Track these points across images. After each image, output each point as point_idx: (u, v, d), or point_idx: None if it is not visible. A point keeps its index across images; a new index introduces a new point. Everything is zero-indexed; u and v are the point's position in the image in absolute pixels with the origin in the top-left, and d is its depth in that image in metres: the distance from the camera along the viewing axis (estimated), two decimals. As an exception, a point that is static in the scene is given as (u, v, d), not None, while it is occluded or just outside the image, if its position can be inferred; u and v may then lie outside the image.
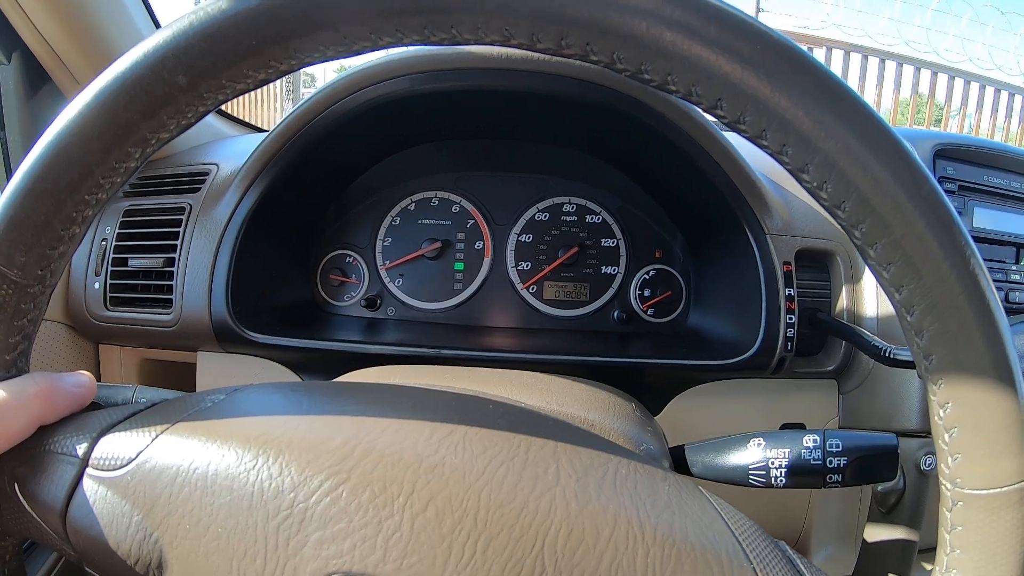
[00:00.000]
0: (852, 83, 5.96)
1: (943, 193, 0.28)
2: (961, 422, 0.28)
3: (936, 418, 0.29)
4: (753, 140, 0.28)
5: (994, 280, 0.90)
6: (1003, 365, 0.28)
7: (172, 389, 0.76)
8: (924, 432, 0.76)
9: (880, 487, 0.67)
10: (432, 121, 0.79)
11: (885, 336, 0.76)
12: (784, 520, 0.85)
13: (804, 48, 0.26)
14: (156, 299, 0.78)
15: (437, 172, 0.89)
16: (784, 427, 0.82)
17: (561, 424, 0.36)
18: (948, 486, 0.29)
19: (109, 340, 0.87)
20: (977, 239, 0.90)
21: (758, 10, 5.76)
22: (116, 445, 0.31)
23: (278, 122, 0.72)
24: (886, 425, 0.75)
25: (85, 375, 0.38)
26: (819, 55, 5.79)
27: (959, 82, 5.85)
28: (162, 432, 0.31)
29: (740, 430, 0.49)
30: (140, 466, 0.30)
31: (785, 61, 0.26)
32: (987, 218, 0.91)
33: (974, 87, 5.86)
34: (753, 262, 0.73)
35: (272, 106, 5.53)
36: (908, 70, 5.86)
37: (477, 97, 0.71)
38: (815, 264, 0.79)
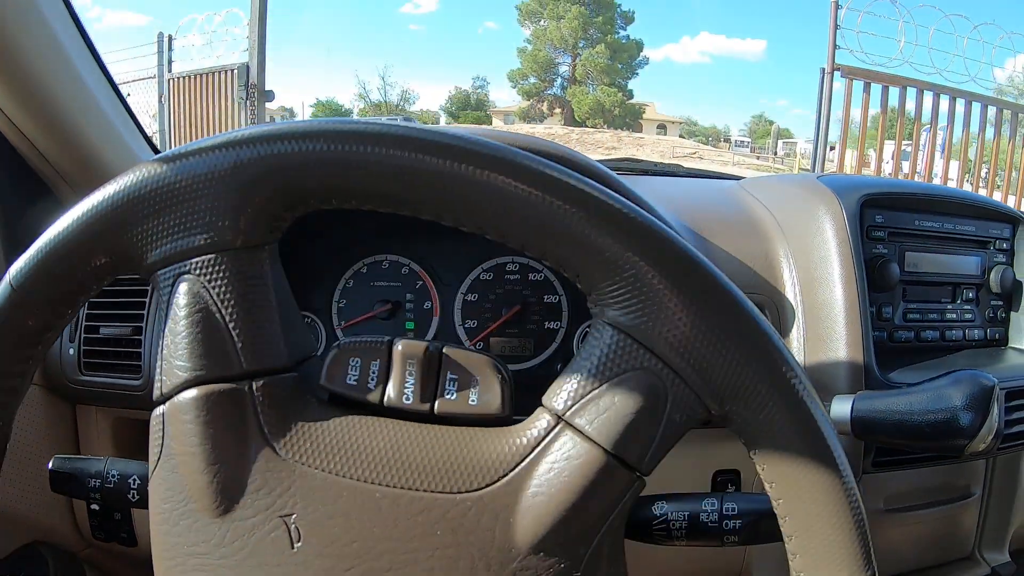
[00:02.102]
0: (926, 121, 6.13)
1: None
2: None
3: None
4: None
5: (930, 320, 0.98)
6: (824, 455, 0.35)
7: (146, 448, 0.87)
8: (849, 477, 0.84)
9: None
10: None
11: (815, 383, 0.85)
12: (722, 553, 0.93)
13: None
14: (126, 365, 0.88)
15: (387, 237, 0.97)
16: (717, 475, 0.91)
17: None
18: None
19: (85, 402, 0.97)
20: (911, 282, 0.97)
21: (834, 46, 5.92)
22: None
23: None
24: (813, 471, 0.84)
25: None
26: (894, 94, 6.02)
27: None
28: None
29: (674, 479, 0.54)
30: None
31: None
32: (921, 261, 0.98)
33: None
34: None
35: (230, 112, 5.62)
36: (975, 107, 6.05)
37: None
38: None
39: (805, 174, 1.01)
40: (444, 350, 0.39)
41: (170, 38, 6.37)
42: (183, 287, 0.37)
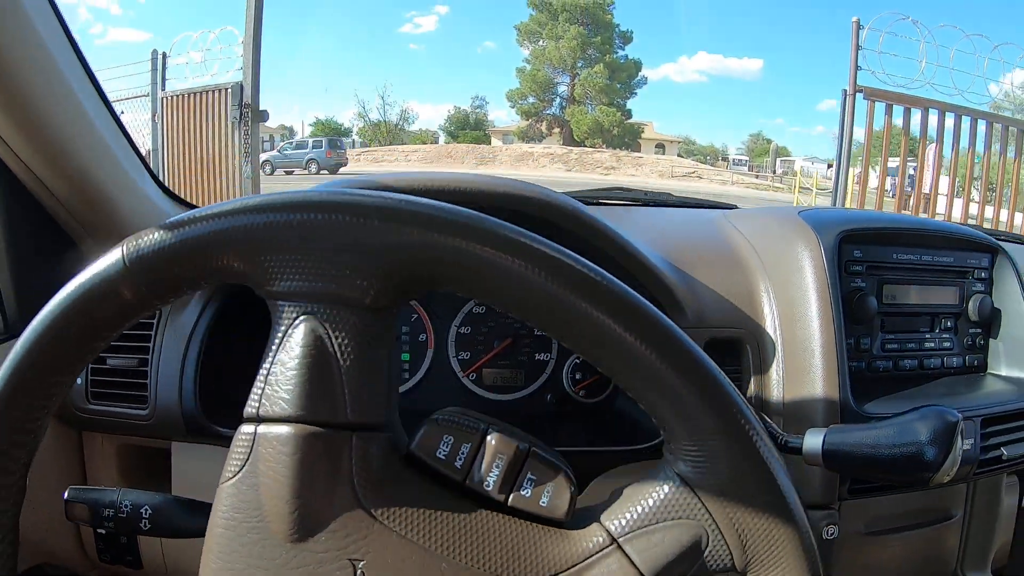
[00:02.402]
0: (947, 142, 6.10)
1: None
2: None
3: None
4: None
5: (908, 350, 1.02)
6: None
7: (150, 473, 0.92)
8: (827, 504, 0.88)
9: None
10: None
11: (790, 419, 0.88)
12: None
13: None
14: (132, 395, 0.92)
15: None
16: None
17: None
18: None
19: (91, 429, 1.01)
20: (889, 314, 1.01)
21: (856, 67, 5.87)
22: None
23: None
24: (795, 496, 0.87)
25: None
26: (915, 117, 5.97)
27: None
28: None
29: None
30: None
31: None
32: (899, 293, 1.02)
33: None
34: None
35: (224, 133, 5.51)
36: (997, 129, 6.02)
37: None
38: (728, 350, 0.91)
39: (787, 208, 1.05)
40: (531, 449, 0.42)
41: (164, 56, 6.27)
42: (306, 326, 0.39)
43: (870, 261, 0.99)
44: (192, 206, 1.21)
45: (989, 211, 6.87)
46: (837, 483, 0.87)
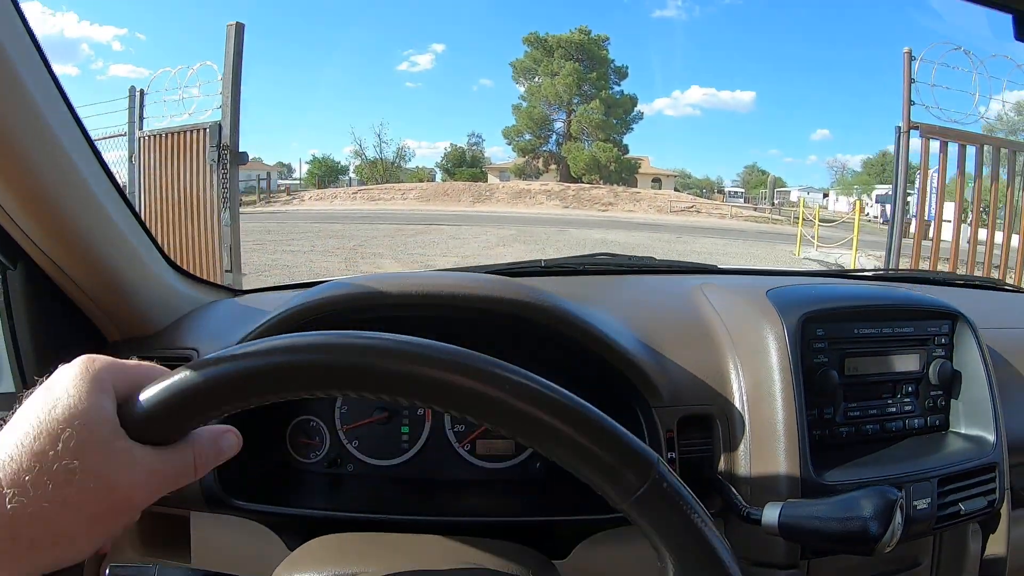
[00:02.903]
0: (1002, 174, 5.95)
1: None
2: None
3: None
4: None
5: (870, 416, 1.10)
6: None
7: (171, 540, 1.01)
8: (791, 564, 0.97)
9: None
10: (382, 321, 1.04)
11: (757, 489, 0.97)
12: None
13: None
14: None
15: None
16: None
17: None
18: None
19: None
20: (852, 384, 1.09)
21: (909, 102, 5.61)
22: None
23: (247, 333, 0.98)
24: (761, 556, 0.95)
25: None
26: (971, 153, 5.79)
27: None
28: None
29: (641, 571, 0.67)
30: None
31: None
32: (860, 365, 1.10)
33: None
34: (641, 431, 0.96)
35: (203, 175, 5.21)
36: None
37: (417, 307, 0.98)
38: (700, 425, 1.00)
39: (755, 289, 1.14)
40: None
41: (142, 93, 6.05)
42: None
43: (832, 337, 1.07)
44: (204, 282, 1.31)
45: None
46: (798, 547, 0.95)
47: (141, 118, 5.99)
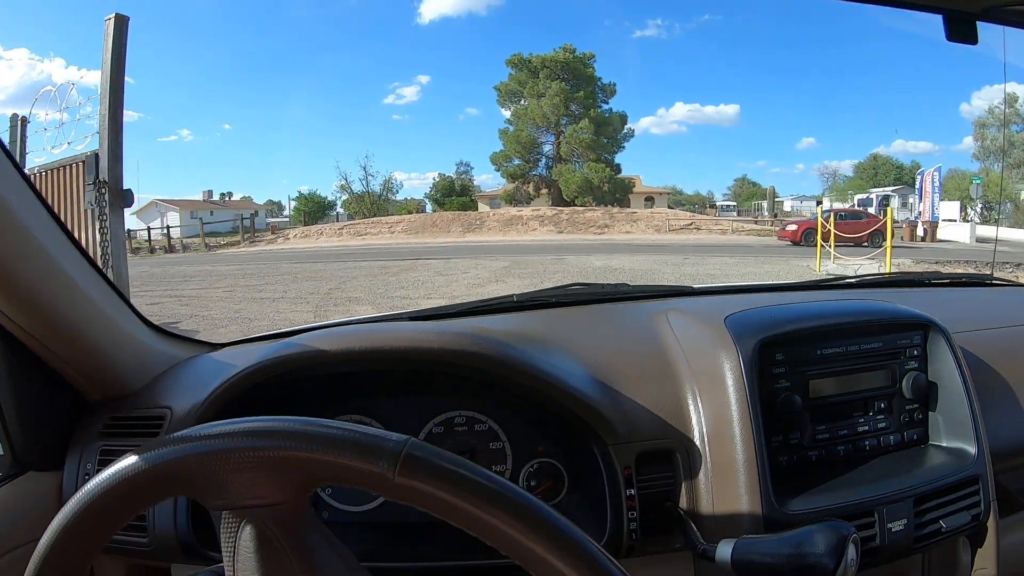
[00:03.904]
0: None
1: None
2: None
3: None
4: None
5: (841, 436, 1.13)
6: None
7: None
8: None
9: None
10: (349, 374, 1.11)
11: (718, 522, 0.99)
12: None
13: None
14: (134, 525, 1.05)
15: (349, 397, 1.16)
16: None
17: None
18: None
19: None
20: (818, 407, 1.11)
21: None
22: None
23: (212, 388, 1.03)
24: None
25: None
26: None
27: None
28: None
29: None
30: None
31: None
32: (825, 386, 1.12)
33: None
34: (598, 467, 1.00)
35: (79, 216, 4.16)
36: None
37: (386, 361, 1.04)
38: (659, 459, 1.03)
39: (714, 315, 1.17)
40: None
41: (23, 121, 4.97)
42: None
43: (793, 361, 1.09)
44: (182, 338, 1.38)
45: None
46: None
47: (23, 152, 4.90)
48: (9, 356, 1.07)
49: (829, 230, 13.57)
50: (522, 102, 44.70)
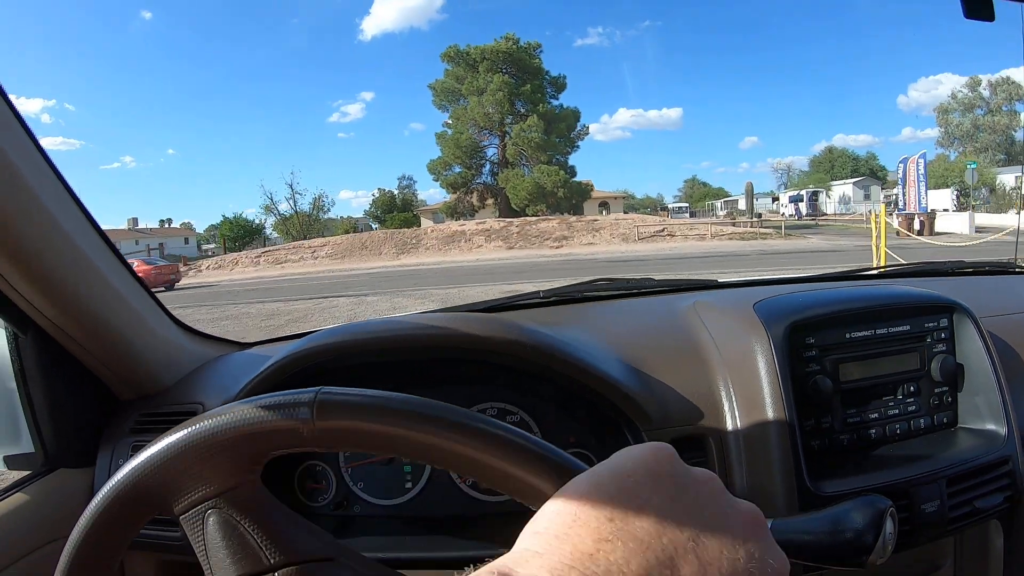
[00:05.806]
0: None
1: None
2: None
3: None
4: None
5: (872, 420, 1.24)
6: None
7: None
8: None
9: None
10: (377, 367, 1.22)
11: (755, 504, 1.12)
12: None
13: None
14: (163, 520, 1.16)
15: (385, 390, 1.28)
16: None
17: None
18: None
19: (132, 548, 1.26)
20: (849, 390, 1.22)
21: None
22: None
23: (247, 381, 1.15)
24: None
25: None
26: None
27: None
28: None
29: None
30: None
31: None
32: (855, 369, 1.23)
33: None
34: None
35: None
36: None
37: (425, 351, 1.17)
38: (693, 444, 1.15)
39: (743, 303, 1.28)
40: None
41: None
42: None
43: (823, 345, 1.21)
44: (212, 337, 1.55)
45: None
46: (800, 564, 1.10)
47: None
48: (43, 356, 1.20)
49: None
50: (461, 102, 44.05)
